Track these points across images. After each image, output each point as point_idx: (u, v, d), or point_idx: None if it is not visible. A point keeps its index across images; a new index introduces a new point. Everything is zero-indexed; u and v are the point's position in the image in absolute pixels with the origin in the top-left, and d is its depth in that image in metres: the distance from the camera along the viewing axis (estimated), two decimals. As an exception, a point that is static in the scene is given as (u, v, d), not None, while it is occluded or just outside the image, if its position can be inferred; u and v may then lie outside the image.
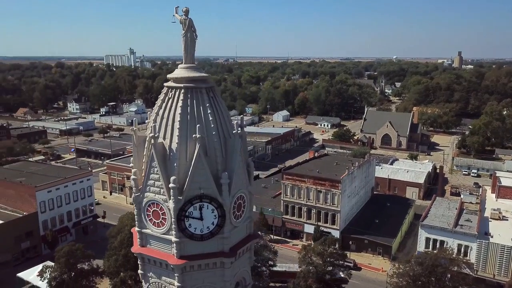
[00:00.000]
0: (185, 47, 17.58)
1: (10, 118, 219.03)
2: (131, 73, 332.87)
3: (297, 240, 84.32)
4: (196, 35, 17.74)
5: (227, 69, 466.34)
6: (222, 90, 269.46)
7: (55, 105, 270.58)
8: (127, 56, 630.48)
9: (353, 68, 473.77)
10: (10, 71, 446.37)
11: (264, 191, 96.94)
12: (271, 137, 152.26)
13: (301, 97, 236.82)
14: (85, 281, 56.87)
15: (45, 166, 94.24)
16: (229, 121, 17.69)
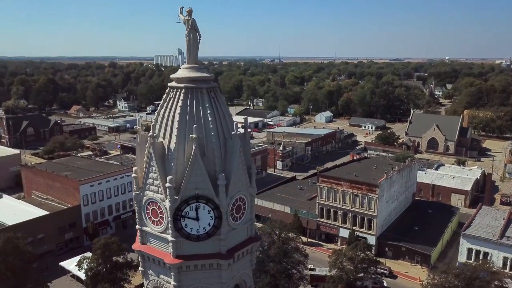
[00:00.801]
0: (188, 47, 17.64)
1: (64, 115, 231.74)
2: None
3: (332, 244, 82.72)
4: (200, 35, 17.75)
5: (272, 69, 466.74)
6: (265, 91, 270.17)
7: (105, 103, 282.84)
8: (175, 56, 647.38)
9: (402, 69, 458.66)
10: (67, 70, 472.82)
11: (300, 193, 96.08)
12: (311, 138, 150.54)
13: (345, 98, 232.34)
14: (119, 273, 58.82)
15: (90, 161, 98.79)
16: (231, 122, 17.55)
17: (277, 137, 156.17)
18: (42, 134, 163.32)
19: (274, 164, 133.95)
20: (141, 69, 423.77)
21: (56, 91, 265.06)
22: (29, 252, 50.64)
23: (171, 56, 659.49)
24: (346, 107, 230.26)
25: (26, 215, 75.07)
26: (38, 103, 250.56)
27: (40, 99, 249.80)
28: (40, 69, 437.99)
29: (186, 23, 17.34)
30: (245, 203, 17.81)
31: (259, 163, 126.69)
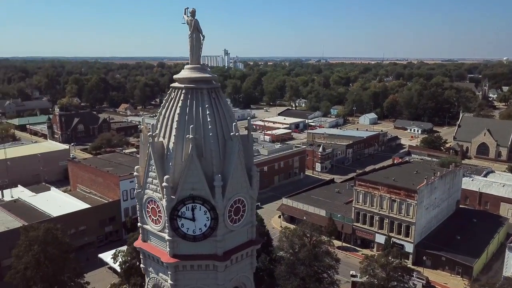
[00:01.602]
0: (190, 48, 17.68)
1: (113, 113, 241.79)
2: (223, 74, 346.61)
3: (368, 249, 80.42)
4: (203, 36, 17.76)
5: (317, 69, 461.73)
6: (308, 91, 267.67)
7: (152, 102, 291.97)
8: (221, 57, 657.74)
9: (454, 70, 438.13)
10: (118, 70, 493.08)
11: (337, 196, 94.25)
12: (352, 141, 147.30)
13: (391, 100, 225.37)
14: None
15: (131, 157, 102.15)
16: (232, 123, 17.39)
17: (317, 139, 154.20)
18: (91, 131, 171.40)
19: (313, 166, 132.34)
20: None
21: (106, 90, 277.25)
22: (67, 243, 53.14)
23: (217, 56, 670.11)
24: (391, 109, 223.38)
25: (70, 207, 78.97)
26: (90, 101, 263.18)
27: (91, 97, 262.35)
28: (93, 68, 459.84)
29: (189, 23, 17.40)
30: (244, 205, 17.60)
31: (297, 165, 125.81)
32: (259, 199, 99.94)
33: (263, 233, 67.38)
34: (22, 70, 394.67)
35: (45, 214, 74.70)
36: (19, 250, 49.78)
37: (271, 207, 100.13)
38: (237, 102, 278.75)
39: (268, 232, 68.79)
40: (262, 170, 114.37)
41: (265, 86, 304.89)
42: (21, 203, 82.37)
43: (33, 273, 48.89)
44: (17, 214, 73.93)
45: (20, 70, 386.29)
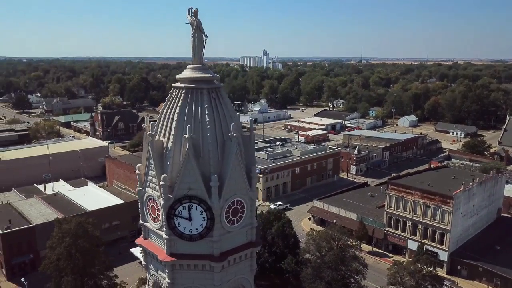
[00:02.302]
0: (193, 48, 17.73)
1: (152, 112, 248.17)
2: (261, 74, 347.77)
3: (400, 256, 77.91)
4: (206, 36, 17.76)
5: (357, 70, 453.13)
6: (347, 92, 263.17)
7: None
8: (260, 57, 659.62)
9: (504, 71, 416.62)
10: (160, 70, 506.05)
11: (370, 200, 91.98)
12: (390, 143, 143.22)
13: (433, 102, 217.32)
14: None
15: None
16: (232, 123, 17.25)
17: (353, 140, 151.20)
18: (130, 129, 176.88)
19: (348, 169, 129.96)
20: (226, 69, 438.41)
21: (147, 89, 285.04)
22: (97, 237, 55.00)
23: (257, 57, 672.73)
24: (433, 111, 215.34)
25: (105, 202, 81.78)
26: (131, 100, 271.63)
27: (133, 96, 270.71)
28: (136, 68, 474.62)
29: (191, 23, 17.46)
30: (243, 206, 17.41)
31: (330, 167, 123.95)
32: (290, 201, 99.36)
33: (290, 234, 66.96)
34: (70, 69, 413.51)
35: (81, 208, 77.72)
36: (52, 242, 52.10)
37: (302, 209, 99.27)
38: (274, 103, 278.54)
39: (295, 234, 68.20)
40: (294, 171, 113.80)
41: (302, 86, 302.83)
42: (60, 196, 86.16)
43: (65, 264, 50.97)
44: (55, 207, 77.39)
45: (68, 70, 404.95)
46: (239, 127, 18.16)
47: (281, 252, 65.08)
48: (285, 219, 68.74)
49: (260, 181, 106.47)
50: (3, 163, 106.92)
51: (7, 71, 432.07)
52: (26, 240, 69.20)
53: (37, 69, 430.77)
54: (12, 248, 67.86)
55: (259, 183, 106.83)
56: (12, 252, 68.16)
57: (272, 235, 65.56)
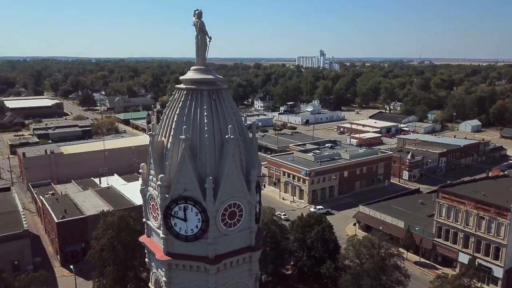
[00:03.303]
0: (196, 49, 17.80)
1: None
2: (316, 74, 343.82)
3: (449, 268, 73.54)
4: (210, 37, 17.76)
5: (418, 71, 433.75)
6: (405, 94, 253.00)
7: (244, 101, 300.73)
8: (317, 57, 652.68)
9: None
10: (217, 70, 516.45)
11: (420, 208, 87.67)
12: (447, 149, 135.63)
13: (499, 106, 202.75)
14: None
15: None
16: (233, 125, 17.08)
17: (408, 145, 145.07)
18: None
19: (400, 174, 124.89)
20: (282, 70, 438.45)
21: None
22: (138, 230, 57.11)
23: (313, 57, 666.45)
24: (499, 116, 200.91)
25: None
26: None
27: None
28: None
29: (195, 25, 17.55)
30: (241, 210, 17.18)
31: (381, 171, 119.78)
32: (336, 205, 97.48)
33: (330, 239, 65.57)
34: (133, 69, 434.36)
35: (130, 201, 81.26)
36: (97, 233, 54.98)
37: (348, 214, 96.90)
38: (327, 104, 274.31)
39: (335, 239, 66.68)
40: (341, 175, 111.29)
41: (358, 87, 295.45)
42: (113, 190, 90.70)
43: (108, 255, 53.58)
44: (107, 200, 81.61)
45: (131, 70, 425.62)
46: (243, 129, 18.02)
47: (320, 257, 64.00)
48: (326, 223, 67.43)
49: (305, 184, 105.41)
50: (65, 157, 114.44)
51: (77, 71, 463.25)
52: (79, 229, 73.57)
53: (103, 69, 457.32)
54: (65, 236, 72.48)
55: (304, 186, 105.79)
56: (66, 240, 72.82)
57: (312, 239, 64.62)
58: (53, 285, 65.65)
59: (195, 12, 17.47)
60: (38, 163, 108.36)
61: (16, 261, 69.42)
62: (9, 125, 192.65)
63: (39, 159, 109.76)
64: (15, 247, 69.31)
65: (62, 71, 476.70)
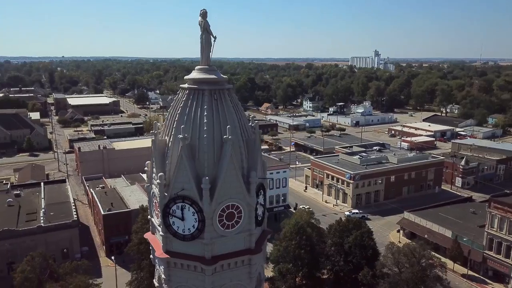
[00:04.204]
0: (201, 49, 17.77)
1: (255, 111, 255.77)
2: (369, 75, 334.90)
3: (501, 284, 68.66)
4: (215, 37, 17.67)
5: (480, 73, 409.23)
6: (463, 96, 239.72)
7: (294, 102, 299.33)
8: (371, 58, 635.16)
9: None
10: (268, 70, 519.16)
11: (470, 217, 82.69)
12: (506, 155, 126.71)
13: None
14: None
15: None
16: (234, 126, 16.89)
17: (463, 150, 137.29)
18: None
19: (452, 180, 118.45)
20: (334, 70, 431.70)
21: (253, 89, 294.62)
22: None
23: (367, 57, 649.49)
24: None
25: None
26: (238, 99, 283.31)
27: (239, 96, 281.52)
28: (246, 69, 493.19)
29: (200, 25, 17.54)
30: (240, 211, 16.90)
31: (431, 177, 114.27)
32: (381, 210, 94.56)
33: (369, 245, 63.45)
34: (187, 69, 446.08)
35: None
36: (136, 227, 57.12)
37: (392, 220, 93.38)
38: (379, 105, 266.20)
39: (374, 245, 64.38)
40: (388, 179, 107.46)
41: (413, 89, 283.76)
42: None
43: (145, 249, 55.28)
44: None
45: (184, 69, 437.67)
46: (247, 130, 17.78)
47: (358, 263, 62.13)
48: (365, 228, 65.31)
49: (349, 187, 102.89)
50: (116, 152, 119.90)
51: (135, 70, 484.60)
52: (123, 222, 76.66)
53: (159, 69, 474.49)
54: (111, 228, 75.89)
55: (348, 189, 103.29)
56: (111, 232, 76.24)
57: (349, 244, 62.93)
58: (97, 274, 68.95)
59: (201, 12, 17.48)
60: (92, 158, 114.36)
61: (65, 249, 73.69)
62: (70, 121, 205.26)
63: (93, 154, 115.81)
64: (65, 236, 73.60)
65: (121, 71, 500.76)
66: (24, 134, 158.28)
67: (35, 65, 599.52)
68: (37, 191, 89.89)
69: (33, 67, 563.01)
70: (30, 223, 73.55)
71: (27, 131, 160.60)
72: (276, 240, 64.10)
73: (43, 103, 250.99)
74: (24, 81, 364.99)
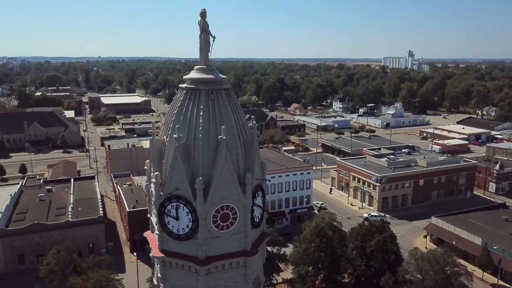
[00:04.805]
0: (199, 49, 17.72)
1: (284, 112, 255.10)
2: (401, 76, 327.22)
3: (534, 296, 65.36)
4: (214, 37, 17.61)
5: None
6: (501, 98, 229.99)
7: (323, 102, 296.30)
8: (404, 58, 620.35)
9: None
10: (298, 70, 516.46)
11: (503, 225, 79.33)
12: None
13: None
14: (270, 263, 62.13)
15: (279, 154, 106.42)
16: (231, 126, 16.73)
17: (498, 154, 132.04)
18: (258, 127, 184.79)
19: (485, 186, 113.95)
20: (365, 71, 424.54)
21: (282, 90, 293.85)
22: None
23: (401, 58, 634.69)
24: None
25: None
26: (266, 100, 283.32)
27: (267, 96, 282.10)
28: (276, 69, 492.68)
29: (199, 24, 17.50)
30: (235, 213, 16.71)
31: (463, 181, 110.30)
32: (408, 214, 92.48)
33: (392, 250, 61.91)
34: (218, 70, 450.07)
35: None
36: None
37: (419, 225, 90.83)
38: (411, 107, 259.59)
39: (397, 250, 62.81)
40: (416, 183, 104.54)
41: (447, 90, 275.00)
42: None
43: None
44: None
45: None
46: (246, 130, 17.61)
47: (380, 268, 60.80)
48: (388, 233, 63.85)
49: (375, 190, 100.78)
50: (145, 150, 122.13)
51: (167, 70, 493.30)
52: (147, 219, 77.89)
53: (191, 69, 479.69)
54: (135, 224, 77.32)
55: (375, 192, 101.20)
56: (135, 228, 77.61)
57: (371, 248, 61.64)
58: (121, 269, 70.60)
59: (200, 12, 17.46)
60: (121, 155, 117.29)
61: (91, 244, 75.90)
62: (102, 119, 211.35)
63: (122, 152, 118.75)
64: (91, 231, 75.81)
65: (153, 71, 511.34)
66: (59, 132, 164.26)
67: (73, 65, 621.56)
68: (67, 187, 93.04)
69: (70, 67, 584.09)
70: (59, 218, 76.22)
71: (61, 128, 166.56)
72: (296, 241, 63.62)
73: (78, 101, 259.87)
74: (61, 80, 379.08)
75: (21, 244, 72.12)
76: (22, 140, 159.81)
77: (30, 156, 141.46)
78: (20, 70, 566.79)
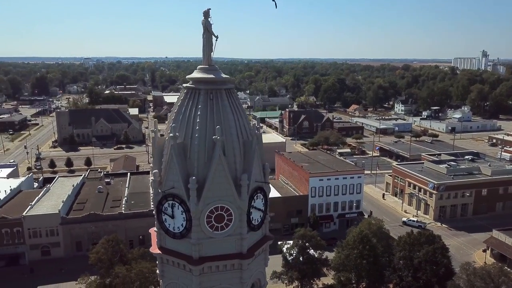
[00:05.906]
0: (202, 49, 17.63)
1: (342, 113, 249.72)
2: (472, 77, 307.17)
3: None
4: (216, 36, 17.43)
5: None
6: None
7: (385, 104, 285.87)
8: (477, 59, 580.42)
9: None
10: (361, 71, 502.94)
11: None
12: None
13: None
14: (311, 267, 61.12)
15: (329, 157, 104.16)
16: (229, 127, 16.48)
17: None
18: (314, 128, 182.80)
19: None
20: (432, 72, 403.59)
21: (342, 90, 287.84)
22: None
23: (473, 58, 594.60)
24: None
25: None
26: (324, 100, 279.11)
27: (326, 97, 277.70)
28: (338, 69, 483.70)
29: (202, 24, 17.42)
30: (230, 214, 16.42)
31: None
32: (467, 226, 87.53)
33: (442, 263, 58.15)
34: (277, 70, 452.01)
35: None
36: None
37: (479, 237, 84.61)
38: (481, 111, 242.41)
39: (449, 263, 58.87)
40: (479, 192, 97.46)
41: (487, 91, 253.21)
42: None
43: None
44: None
45: (275, 70, 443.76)
46: (246, 131, 17.30)
47: (428, 280, 57.45)
48: (439, 244, 60.02)
49: (432, 198, 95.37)
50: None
51: (228, 71, 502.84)
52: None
53: (251, 69, 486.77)
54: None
55: (431, 200, 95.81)
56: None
57: (419, 259, 58.35)
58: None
59: (203, 12, 17.44)
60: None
61: (141, 236, 79.22)
62: (164, 117, 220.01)
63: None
64: (142, 224, 78.84)
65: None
66: (123, 128, 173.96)
67: (141, 65, 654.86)
68: (124, 180, 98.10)
69: (139, 66, 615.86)
70: (114, 209, 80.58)
71: (125, 125, 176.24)
72: (339, 247, 61.93)
73: (142, 100, 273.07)
74: (129, 79, 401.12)
75: (79, 232, 77.26)
76: (89, 135, 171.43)
77: (94, 150, 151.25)
78: (94, 69, 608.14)
